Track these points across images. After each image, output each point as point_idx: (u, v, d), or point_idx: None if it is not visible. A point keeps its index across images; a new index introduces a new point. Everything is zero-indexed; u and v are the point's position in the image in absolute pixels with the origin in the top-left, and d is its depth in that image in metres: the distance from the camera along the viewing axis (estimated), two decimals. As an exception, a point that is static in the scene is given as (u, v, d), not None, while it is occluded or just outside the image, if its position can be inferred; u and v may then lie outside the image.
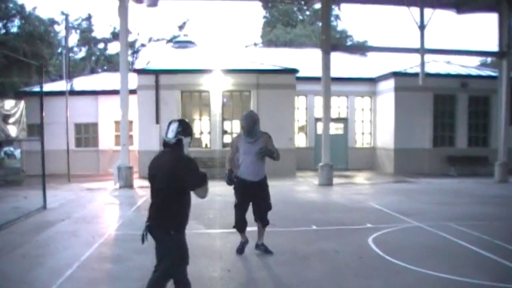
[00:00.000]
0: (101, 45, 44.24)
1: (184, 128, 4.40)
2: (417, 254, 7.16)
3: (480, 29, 67.93)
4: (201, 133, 20.04)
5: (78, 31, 43.01)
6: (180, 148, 4.37)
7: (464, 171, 20.16)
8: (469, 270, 6.33)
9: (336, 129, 22.27)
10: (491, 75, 21.70)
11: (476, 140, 21.80)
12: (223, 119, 20.03)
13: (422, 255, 7.14)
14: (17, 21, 30.25)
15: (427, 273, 6.20)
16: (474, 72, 23.53)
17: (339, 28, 48.92)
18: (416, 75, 18.54)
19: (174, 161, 4.26)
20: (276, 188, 15.85)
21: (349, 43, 46.28)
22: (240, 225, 7.05)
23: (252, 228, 7.19)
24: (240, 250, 7.12)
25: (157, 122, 19.33)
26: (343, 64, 23.56)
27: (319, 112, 20.63)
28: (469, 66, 25.23)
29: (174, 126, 4.38)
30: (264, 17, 51.39)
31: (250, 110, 7.95)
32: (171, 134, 4.35)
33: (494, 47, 20.24)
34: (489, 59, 36.97)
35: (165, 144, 4.41)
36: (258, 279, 6.07)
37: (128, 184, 15.90)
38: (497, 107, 19.30)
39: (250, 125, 6.78)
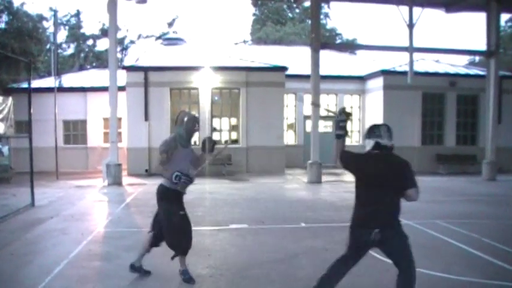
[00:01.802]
0: (90, 42, 43.90)
1: (392, 132, 4.52)
2: (406, 252, 7.19)
3: (469, 28, 68.53)
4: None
5: (66, 27, 42.66)
6: (393, 150, 4.52)
7: (453, 170, 20.31)
8: (458, 267, 6.39)
9: (324, 127, 22.33)
10: (480, 74, 21.85)
11: (465, 139, 22.00)
12: (213, 117, 20.03)
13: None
14: (4, 17, 29.91)
15: (416, 270, 6.23)
16: (463, 71, 23.72)
17: (329, 26, 49.16)
18: (405, 73, 18.64)
19: (401, 163, 4.38)
20: (265, 185, 15.96)
21: (338, 41, 46.40)
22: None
23: (238, 225, 7.18)
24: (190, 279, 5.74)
25: (146, 119, 19.30)
26: (332, 62, 23.62)
27: (308, 110, 20.66)
28: (457, 65, 25.41)
29: (385, 129, 4.46)
30: (254, 14, 51.47)
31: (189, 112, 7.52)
32: (387, 138, 4.43)
33: (482, 46, 20.42)
34: (477, 58, 37.23)
35: (380, 146, 4.43)
36: (247, 276, 6.07)
37: (116, 181, 15.84)
38: (486, 106, 19.46)
39: (197, 128, 5.80)
